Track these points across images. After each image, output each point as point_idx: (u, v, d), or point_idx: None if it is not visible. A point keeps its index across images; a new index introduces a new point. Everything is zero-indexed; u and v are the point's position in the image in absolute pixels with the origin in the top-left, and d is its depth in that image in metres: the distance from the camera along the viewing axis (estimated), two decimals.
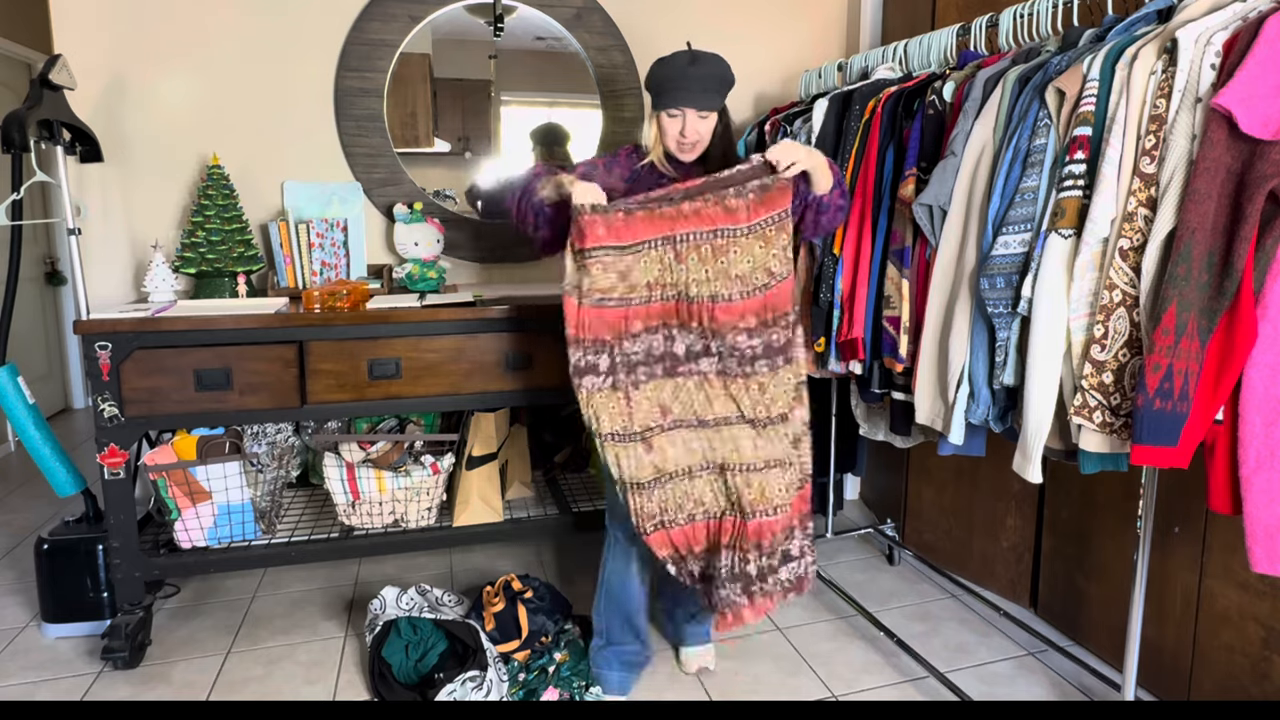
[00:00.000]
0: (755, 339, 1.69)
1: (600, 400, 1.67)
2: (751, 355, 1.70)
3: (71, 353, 4.68)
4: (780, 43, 3.01)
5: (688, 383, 1.71)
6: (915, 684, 2.03)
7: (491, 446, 2.38)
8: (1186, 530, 1.86)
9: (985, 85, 1.67)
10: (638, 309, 1.67)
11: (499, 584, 2.20)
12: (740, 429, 1.71)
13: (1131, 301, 1.32)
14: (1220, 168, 1.20)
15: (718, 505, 1.73)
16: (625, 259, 1.63)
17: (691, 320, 1.69)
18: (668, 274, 1.67)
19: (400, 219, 2.60)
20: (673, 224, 1.65)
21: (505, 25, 2.76)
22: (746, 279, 1.67)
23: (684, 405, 1.71)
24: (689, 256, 1.66)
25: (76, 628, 2.23)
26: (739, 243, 1.66)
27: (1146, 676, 1.97)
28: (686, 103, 1.73)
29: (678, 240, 1.66)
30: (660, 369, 1.70)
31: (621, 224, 1.62)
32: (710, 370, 1.71)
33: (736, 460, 1.70)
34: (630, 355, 1.68)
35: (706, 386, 1.71)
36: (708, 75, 1.73)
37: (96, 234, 2.50)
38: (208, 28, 2.52)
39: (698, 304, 1.68)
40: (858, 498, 3.30)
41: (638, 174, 1.85)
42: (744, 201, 1.66)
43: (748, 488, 1.69)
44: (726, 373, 1.71)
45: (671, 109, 1.74)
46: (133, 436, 2.05)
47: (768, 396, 1.70)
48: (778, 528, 1.71)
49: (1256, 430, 1.20)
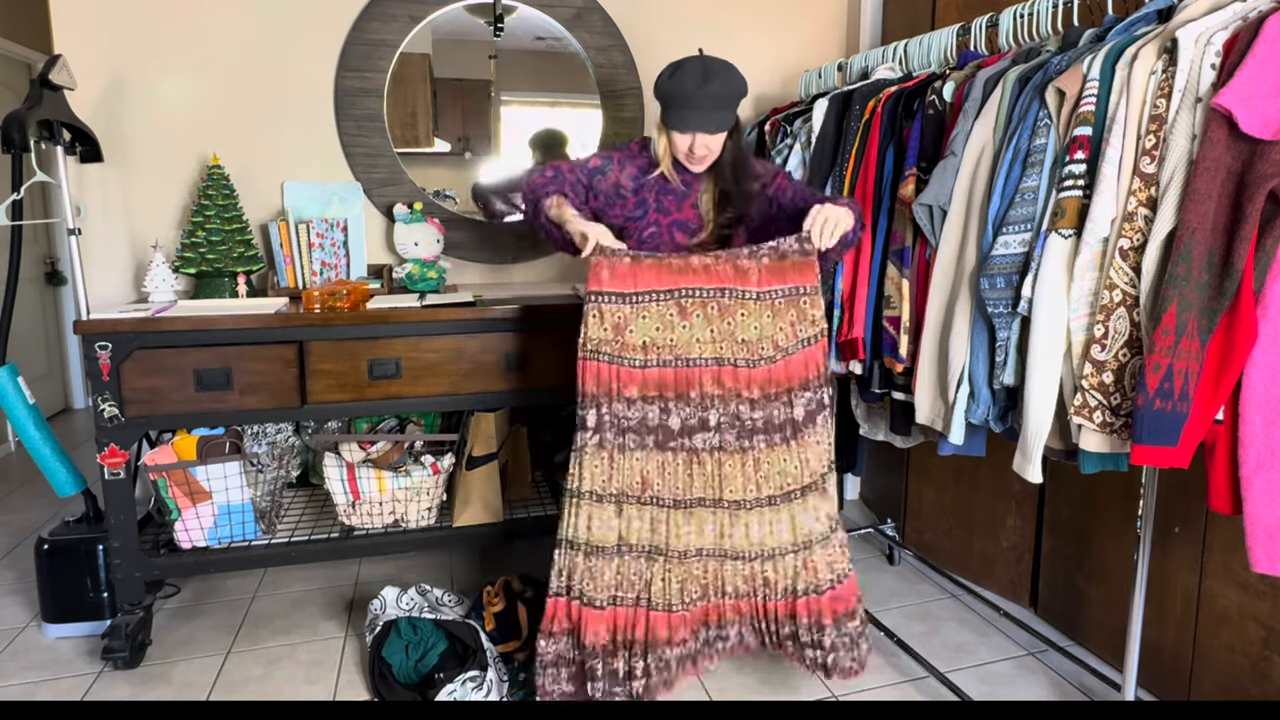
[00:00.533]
0: (757, 411, 1.65)
1: (586, 458, 1.68)
2: (751, 428, 1.66)
3: (71, 353, 4.68)
4: (780, 43, 3.01)
5: (676, 459, 1.68)
6: (915, 684, 2.03)
7: (491, 446, 2.38)
8: (1186, 530, 1.86)
9: (985, 85, 1.67)
10: (632, 372, 1.64)
11: (499, 584, 2.21)
12: (714, 513, 1.69)
13: (1131, 301, 1.32)
14: (1220, 167, 1.20)
15: (664, 598, 1.69)
16: (624, 309, 1.62)
17: (690, 389, 1.65)
18: (667, 334, 1.63)
19: (400, 219, 2.60)
20: (679, 277, 1.62)
21: (505, 25, 2.76)
22: (753, 347, 1.64)
23: (666, 482, 1.67)
24: (694, 313, 1.62)
25: (77, 628, 2.23)
26: (746, 306, 1.63)
27: (1146, 676, 1.97)
28: (697, 126, 1.69)
29: (682, 294, 1.62)
30: (652, 440, 1.67)
31: (627, 270, 1.61)
32: (703, 446, 1.67)
33: (698, 544, 1.70)
34: (622, 419, 1.66)
35: (694, 464, 1.67)
36: (719, 94, 1.66)
37: (96, 234, 2.50)
38: (208, 28, 2.52)
39: (698, 369, 1.64)
40: (858, 498, 3.30)
41: (645, 180, 1.85)
42: (756, 265, 1.63)
43: (704, 574, 1.69)
44: (723, 448, 1.67)
45: (681, 131, 1.71)
46: (133, 436, 2.05)
47: (760, 474, 1.67)
48: (745, 606, 1.72)
49: (1256, 430, 1.20)
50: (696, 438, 1.67)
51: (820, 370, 1.71)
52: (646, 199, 1.85)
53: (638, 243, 1.87)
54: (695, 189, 1.85)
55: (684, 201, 1.84)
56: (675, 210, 1.84)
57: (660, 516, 1.69)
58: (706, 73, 1.65)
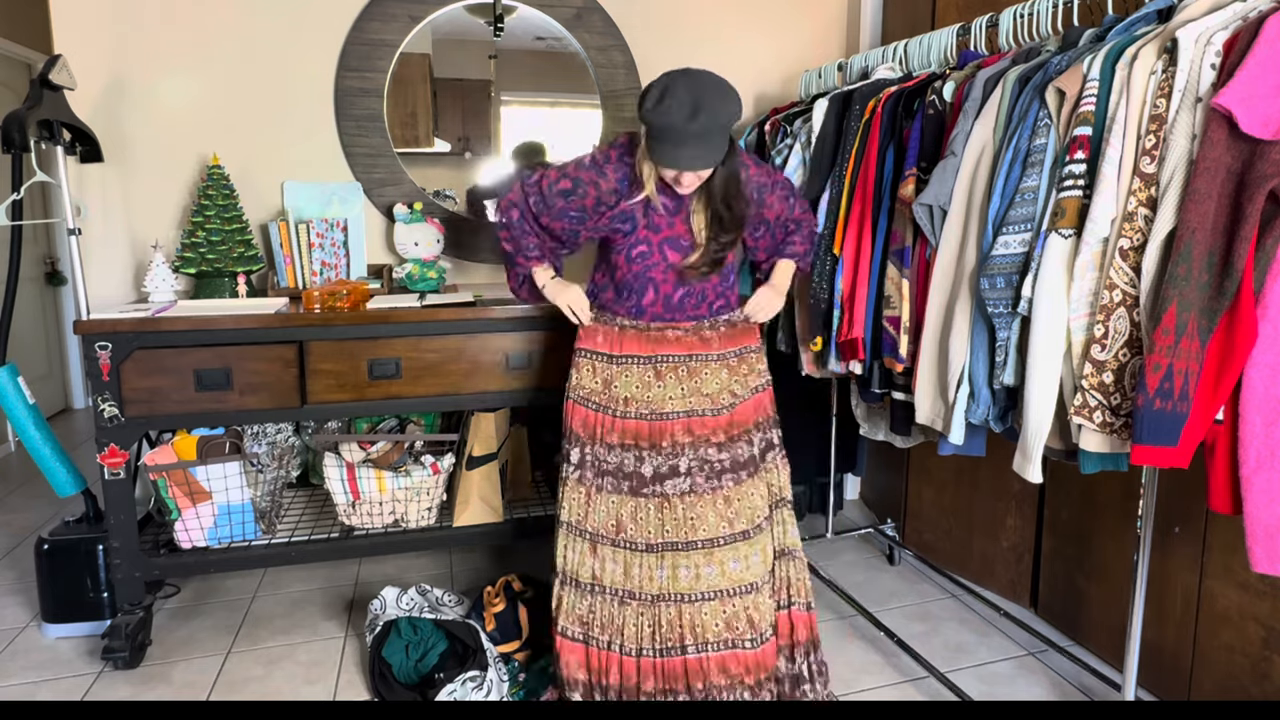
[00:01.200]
0: (724, 453, 1.79)
1: (568, 489, 1.83)
2: (720, 469, 1.78)
3: (71, 353, 4.68)
4: (780, 43, 3.01)
5: (648, 504, 1.77)
6: (915, 684, 2.03)
7: (491, 446, 2.38)
8: (1186, 530, 1.86)
9: (985, 85, 1.67)
10: (615, 420, 1.80)
11: (499, 584, 2.21)
12: (688, 555, 1.75)
13: (1131, 301, 1.32)
14: (1220, 167, 1.20)
15: (635, 642, 1.76)
16: (611, 367, 1.82)
17: (662, 440, 1.78)
18: (645, 391, 1.80)
19: (400, 219, 2.60)
20: (656, 346, 1.82)
21: (505, 25, 2.76)
22: (715, 398, 1.81)
23: (638, 526, 1.77)
24: (668, 375, 1.80)
25: (77, 628, 2.23)
26: (709, 366, 1.83)
27: (1146, 676, 1.97)
28: (686, 165, 1.60)
29: (659, 360, 1.81)
30: (626, 486, 1.78)
31: (615, 336, 1.83)
32: (673, 492, 1.76)
33: (672, 589, 1.75)
34: (602, 462, 1.80)
35: (665, 509, 1.76)
36: (710, 127, 1.54)
37: (96, 234, 2.50)
38: (208, 28, 2.52)
39: (670, 421, 1.78)
40: (858, 498, 3.30)
41: (628, 192, 1.74)
42: (715, 333, 1.85)
43: (679, 619, 1.74)
44: (694, 490, 1.76)
45: (669, 169, 1.63)
46: (133, 436, 2.05)
47: (732, 510, 1.77)
48: (732, 663, 1.75)
49: (1256, 430, 1.20)
50: (667, 484, 1.77)
51: (769, 413, 1.91)
52: (634, 215, 1.75)
53: (626, 260, 1.78)
54: (686, 205, 1.75)
55: (674, 218, 1.75)
56: (666, 228, 1.75)
57: (634, 560, 1.77)
58: (696, 104, 1.51)
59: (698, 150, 1.57)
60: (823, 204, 2.05)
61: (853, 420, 2.39)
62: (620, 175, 1.74)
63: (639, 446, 1.78)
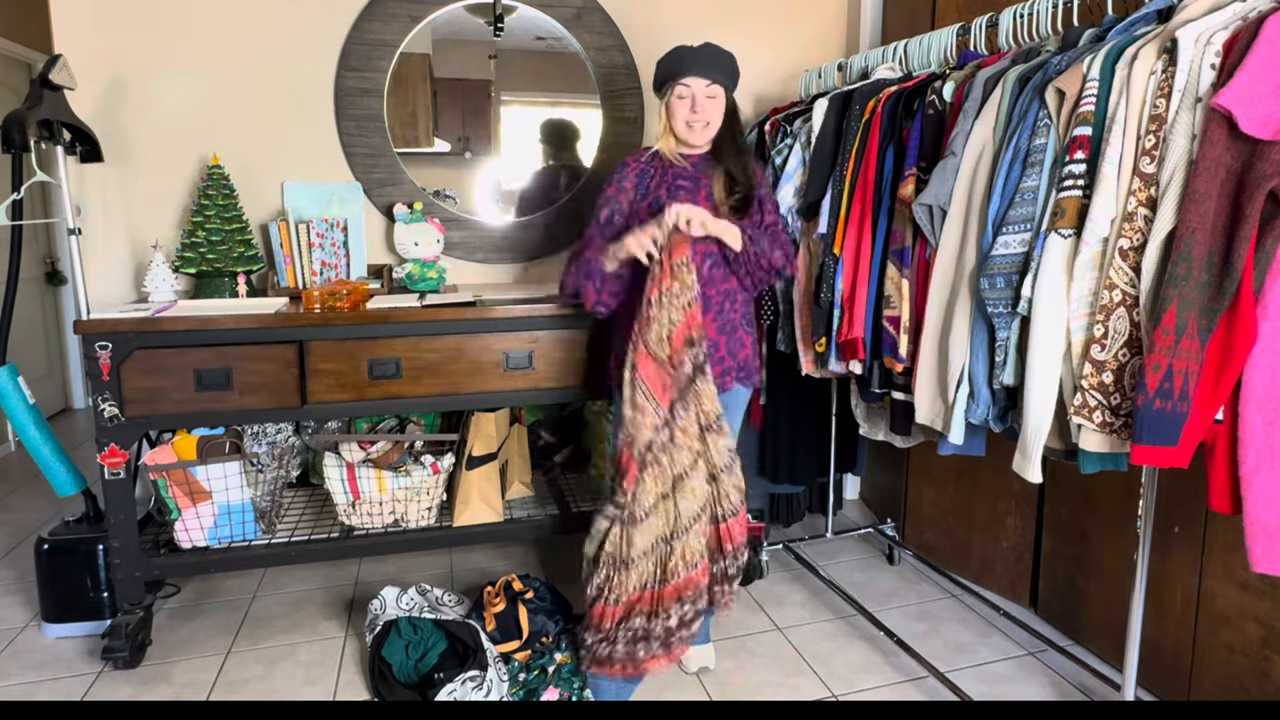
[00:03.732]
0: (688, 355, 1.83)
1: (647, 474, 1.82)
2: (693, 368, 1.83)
3: (71, 353, 4.68)
4: (780, 43, 3.01)
5: (670, 445, 1.82)
6: (915, 684, 2.03)
7: (491, 446, 2.38)
8: (1186, 530, 1.86)
9: (985, 85, 1.67)
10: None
11: (499, 584, 2.21)
12: (692, 480, 1.82)
13: (1131, 301, 1.32)
14: (1220, 168, 1.20)
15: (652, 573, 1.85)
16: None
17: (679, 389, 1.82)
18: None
19: (400, 219, 2.60)
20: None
21: (505, 25, 2.76)
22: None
23: (665, 467, 1.82)
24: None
25: (77, 628, 2.23)
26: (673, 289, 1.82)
27: (1146, 676, 1.97)
28: (694, 72, 1.84)
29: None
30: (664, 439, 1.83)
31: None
32: (675, 426, 1.81)
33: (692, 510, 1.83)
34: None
35: (671, 447, 1.82)
36: (714, 55, 1.87)
37: (96, 234, 2.50)
38: (208, 28, 2.52)
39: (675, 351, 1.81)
40: (858, 498, 3.30)
41: (646, 178, 1.95)
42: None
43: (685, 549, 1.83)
44: (682, 401, 1.80)
45: (682, 80, 1.85)
46: (133, 436, 2.05)
47: (705, 405, 1.83)
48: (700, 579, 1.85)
49: (1256, 430, 1.20)
50: (675, 422, 1.84)
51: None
52: (660, 196, 1.93)
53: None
54: (704, 182, 1.93)
55: (697, 195, 1.92)
56: (690, 202, 1.90)
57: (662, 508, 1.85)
58: (701, 45, 1.88)
59: (704, 66, 1.86)
60: (824, 204, 2.05)
61: (853, 420, 2.39)
62: (636, 171, 1.97)
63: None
